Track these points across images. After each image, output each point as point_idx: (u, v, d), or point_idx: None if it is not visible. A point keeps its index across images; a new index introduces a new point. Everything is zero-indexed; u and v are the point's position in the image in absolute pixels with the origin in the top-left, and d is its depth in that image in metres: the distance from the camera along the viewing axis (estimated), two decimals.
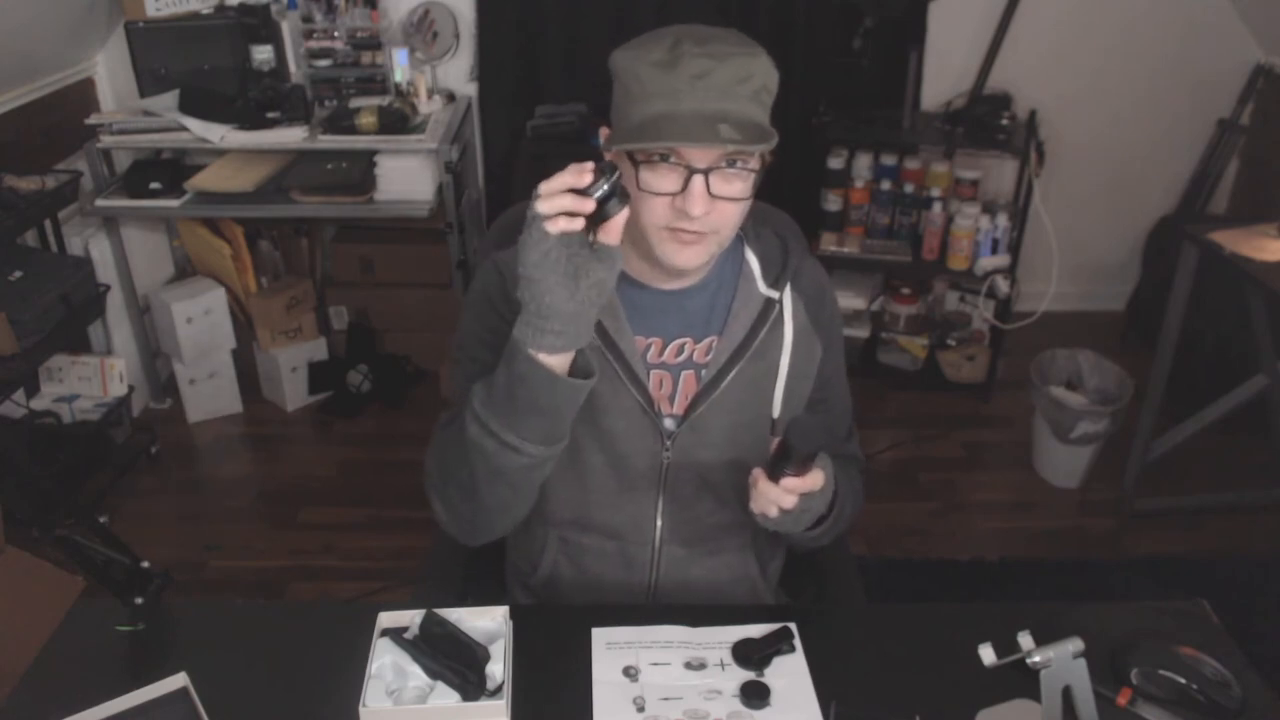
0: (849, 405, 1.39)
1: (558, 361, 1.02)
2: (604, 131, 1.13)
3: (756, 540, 1.33)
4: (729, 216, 1.09)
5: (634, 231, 1.11)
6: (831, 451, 1.34)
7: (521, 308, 1.01)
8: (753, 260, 1.24)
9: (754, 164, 1.08)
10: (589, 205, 0.96)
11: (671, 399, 1.22)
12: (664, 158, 1.06)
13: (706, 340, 1.22)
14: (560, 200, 0.95)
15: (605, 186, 0.96)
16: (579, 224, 0.96)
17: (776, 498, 1.09)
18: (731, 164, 1.06)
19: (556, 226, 0.95)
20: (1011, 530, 2.70)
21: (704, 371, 1.21)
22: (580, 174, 0.96)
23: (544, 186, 0.96)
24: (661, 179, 1.07)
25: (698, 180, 1.05)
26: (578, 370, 1.05)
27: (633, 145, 1.05)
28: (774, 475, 1.09)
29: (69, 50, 2.94)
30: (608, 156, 1.13)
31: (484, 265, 1.25)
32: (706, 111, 1.02)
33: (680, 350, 1.22)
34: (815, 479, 1.10)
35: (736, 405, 1.22)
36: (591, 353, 1.06)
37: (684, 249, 1.11)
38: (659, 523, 1.26)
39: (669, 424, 1.22)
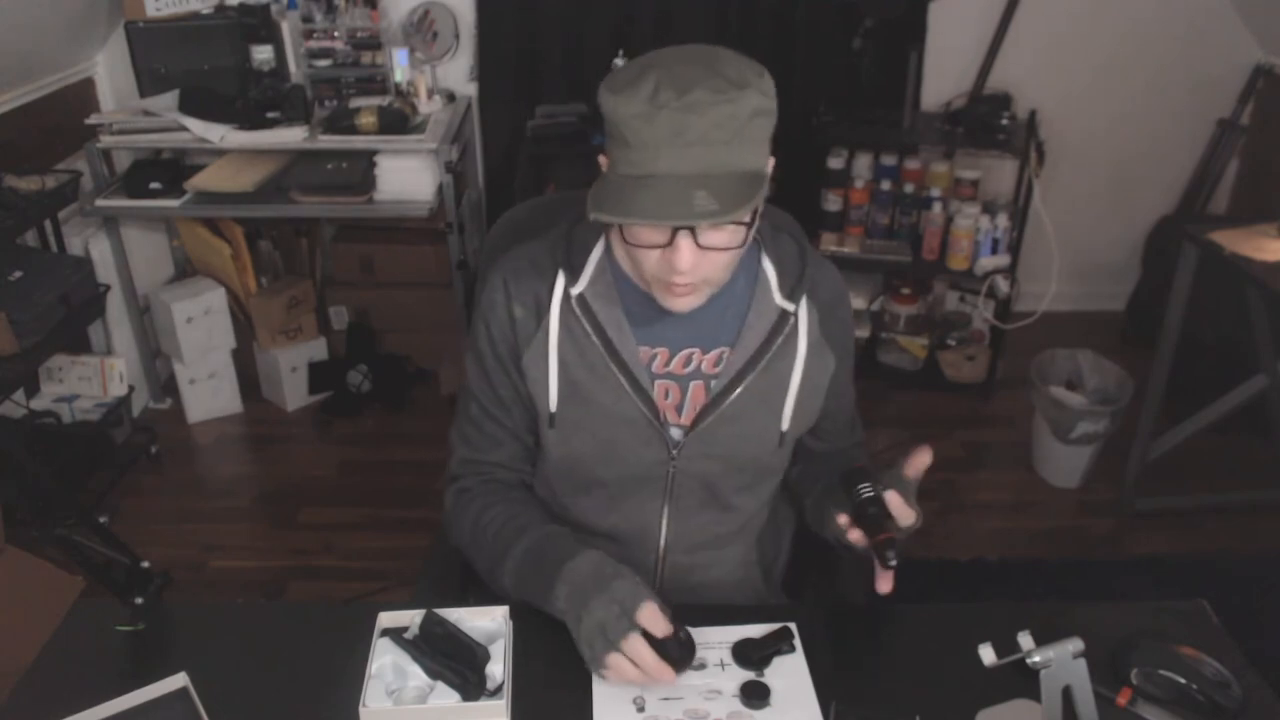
0: (853, 399, 1.36)
1: None
2: (603, 160, 1.07)
3: (761, 543, 1.33)
4: (720, 266, 1.07)
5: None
6: (841, 445, 1.34)
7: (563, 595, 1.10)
8: (769, 269, 1.20)
9: (745, 216, 1.00)
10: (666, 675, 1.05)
11: (679, 409, 1.21)
12: None
13: (716, 351, 1.20)
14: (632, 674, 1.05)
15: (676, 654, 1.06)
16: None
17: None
18: None
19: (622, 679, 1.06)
20: (1011, 530, 2.70)
21: (714, 383, 1.19)
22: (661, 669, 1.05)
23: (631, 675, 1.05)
24: (648, 233, 1.04)
25: (683, 237, 1.01)
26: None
27: (607, 218, 1.00)
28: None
29: (69, 50, 2.94)
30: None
31: (490, 280, 1.22)
32: (683, 172, 0.97)
33: (688, 361, 1.20)
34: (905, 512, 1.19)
35: (745, 417, 1.20)
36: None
37: (678, 299, 1.09)
38: (664, 531, 1.25)
39: (675, 434, 1.21)
